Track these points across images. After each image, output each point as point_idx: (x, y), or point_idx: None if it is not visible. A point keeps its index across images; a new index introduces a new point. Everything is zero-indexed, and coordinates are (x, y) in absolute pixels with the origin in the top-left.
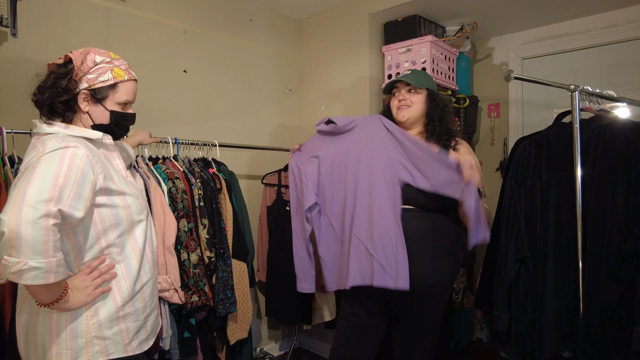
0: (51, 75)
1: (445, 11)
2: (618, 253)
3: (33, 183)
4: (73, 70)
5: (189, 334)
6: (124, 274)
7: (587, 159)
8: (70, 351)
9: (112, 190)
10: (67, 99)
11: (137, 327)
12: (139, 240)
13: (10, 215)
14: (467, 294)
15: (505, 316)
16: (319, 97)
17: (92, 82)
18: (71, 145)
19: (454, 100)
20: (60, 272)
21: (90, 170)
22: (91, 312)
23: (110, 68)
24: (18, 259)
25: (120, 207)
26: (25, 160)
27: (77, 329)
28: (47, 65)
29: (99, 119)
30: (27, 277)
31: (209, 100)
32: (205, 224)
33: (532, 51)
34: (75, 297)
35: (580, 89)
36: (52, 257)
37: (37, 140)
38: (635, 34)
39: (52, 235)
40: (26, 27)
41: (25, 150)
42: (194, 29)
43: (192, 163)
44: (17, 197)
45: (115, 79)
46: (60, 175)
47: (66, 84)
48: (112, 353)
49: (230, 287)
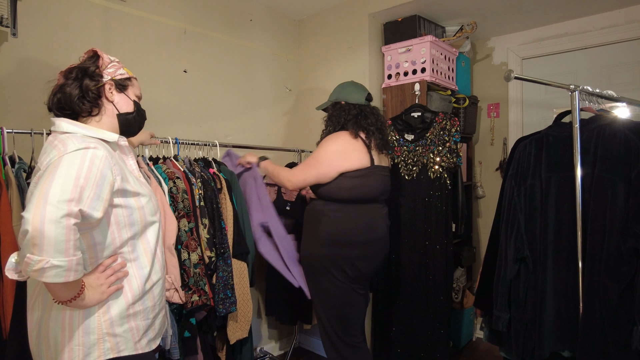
0: (75, 70)
1: (445, 11)
2: (618, 253)
3: (56, 183)
4: (100, 59)
5: (189, 334)
6: (135, 273)
7: (586, 158)
8: (82, 347)
9: (127, 192)
10: (96, 92)
11: (146, 325)
12: (151, 241)
13: (34, 214)
14: (467, 293)
15: (505, 316)
16: (319, 97)
17: (113, 74)
18: (91, 147)
19: (454, 101)
20: (79, 270)
21: (109, 172)
22: (103, 310)
23: (121, 66)
24: (40, 257)
25: (135, 208)
26: (45, 158)
27: (90, 325)
28: (59, 72)
29: (125, 107)
30: (48, 275)
31: (209, 100)
32: (206, 223)
33: (531, 51)
34: (91, 295)
35: (580, 89)
36: (73, 256)
37: (55, 138)
38: (635, 34)
39: (72, 235)
40: (26, 27)
41: (25, 150)
42: (194, 29)
43: (193, 163)
44: (40, 196)
45: (128, 75)
46: (82, 176)
47: (96, 70)
48: (122, 350)
49: (231, 287)
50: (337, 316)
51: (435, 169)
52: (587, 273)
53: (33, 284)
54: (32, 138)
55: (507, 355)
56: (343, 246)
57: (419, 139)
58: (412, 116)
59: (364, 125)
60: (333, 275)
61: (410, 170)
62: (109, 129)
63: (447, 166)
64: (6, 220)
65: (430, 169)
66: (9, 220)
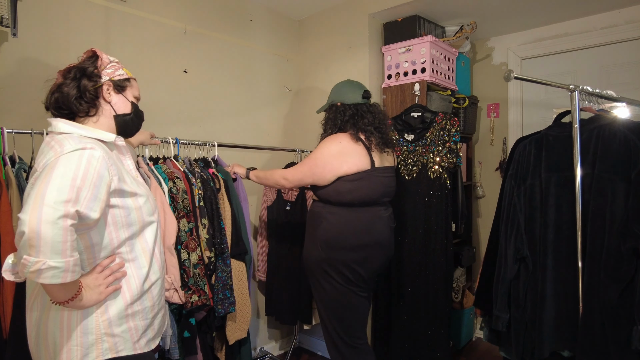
0: (73, 70)
1: (445, 11)
2: (618, 253)
3: (52, 184)
4: (99, 59)
5: (188, 334)
6: (134, 273)
7: (586, 158)
8: (80, 347)
9: (125, 192)
10: (94, 92)
11: (145, 325)
12: (149, 241)
13: (31, 216)
14: (467, 293)
15: (505, 316)
16: (319, 97)
17: (111, 75)
18: (88, 147)
19: (454, 101)
20: (76, 271)
21: (106, 172)
22: (101, 310)
23: (120, 66)
24: (37, 258)
25: (133, 208)
26: (42, 159)
27: (88, 325)
28: (58, 72)
29: (122, 109)
30: (45, 276)
31: (209, 100)
32: (205, 223)
33: (531, 51)
34: (89, 295)
35: (580, 89)
36: (70, 257)
37: (52, 139)
38: (635, 34)
39: (69, 236)
40: (26, 27)
41: (26, 150)
42: (194, 29)
43: (193, 163)
44: (36, 197)
45: (127, 75)
46: (78, 177)
47: (94, 70)
48: (121, 350)
49: (230, 287)
50: (337, 317)
51: (435, 169)
52: (587, 273)
53: (32, 285)
54: (32, 138)
55: (507, 355)
56: (339, 249)
57: (418, 139)
58: (412, 116)
59: (361, 125)
60: (332, 277)
61: (410, 170)
62: (106, 130)
63: (447, 166)
64: (6, 220)
65: (430, 169)
66: (9, 220)
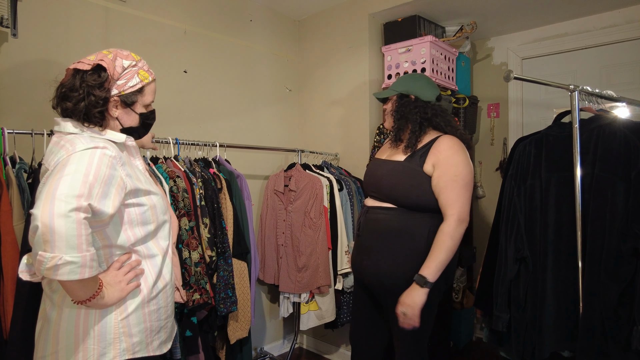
0: (82, 85)
1: (445, 11)
2: (618, 253)
3: (64, 180)
4: (107, 79)
5: (190, 333)
6: (150, 271)
7: (586, 158)
8: (97, 347)
9: (140, 191)
10: (99, 114)
11: (159, 326)
12: (164, 239)
13: (42, 209)
14: (467, 293)
15: (505, 316)
16: (319, 97)
17: (121, 87)
18: (100, 146)
19: (454, 101)
20: (94, 266)
21: (117, 171)
22: (121, 309)
23: (136, 72)
24: (53, 253)
25: (148, 206)
26: (53, 158)
27: (107, 324)
28: (67, 70)
29: (128, 122)
30: (63, 272)
31: (209, 100)
32: (207, 223)
33: (531, 51)
34: (111, 293)
35: (580, 89)
36: (86, 252)
37: (60, 138)
38: (635, 34)
39: (84, 229)
40: (26, 28)
41: (26, 150)
42: (194, 29)
43: (193, 163)
44: (48, 192)
45: (142, 82)
46: (90, 174)
47: (104, 95)
48: (137, 352)
49: (231, 287)
50: None
51: None
52: (587, 273)
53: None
54: (32, 138)
55: (507, 355)
56: None
57: None
58: None
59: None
60: None
61: None
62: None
63: None
64: (7, 220)
65: None
66: (10, 220)
